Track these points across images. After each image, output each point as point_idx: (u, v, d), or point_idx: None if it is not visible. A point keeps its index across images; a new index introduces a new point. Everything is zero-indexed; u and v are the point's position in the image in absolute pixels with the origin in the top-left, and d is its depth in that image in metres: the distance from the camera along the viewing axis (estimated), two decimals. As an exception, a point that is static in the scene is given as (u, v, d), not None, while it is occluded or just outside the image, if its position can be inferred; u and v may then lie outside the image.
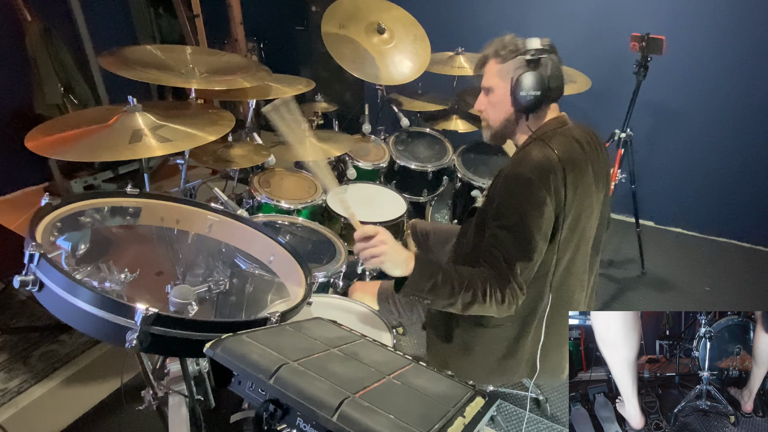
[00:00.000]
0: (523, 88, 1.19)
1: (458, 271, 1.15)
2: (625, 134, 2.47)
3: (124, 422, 1.74)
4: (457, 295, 1.12)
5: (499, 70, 1.25)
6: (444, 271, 1.14)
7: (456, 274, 1.14)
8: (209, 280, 1.41)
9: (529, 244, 1.13)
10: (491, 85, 1.28)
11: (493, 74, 1.26)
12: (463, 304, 1.13)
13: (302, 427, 0.68)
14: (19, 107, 2.72)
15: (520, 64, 1.20)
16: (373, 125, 2.72)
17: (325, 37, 2.47)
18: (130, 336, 0.85)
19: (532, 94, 1.19)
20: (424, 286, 1.12)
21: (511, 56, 1.22)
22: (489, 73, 1.28)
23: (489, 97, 1.30)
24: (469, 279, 1.13)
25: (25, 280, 0.90)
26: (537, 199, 1.12)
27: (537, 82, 1.18)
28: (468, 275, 1.14)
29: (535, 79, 1.18)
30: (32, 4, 2.58)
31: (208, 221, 1.41)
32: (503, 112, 1.28)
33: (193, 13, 3.31)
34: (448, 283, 1.12)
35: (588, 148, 1.23)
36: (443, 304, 1.15)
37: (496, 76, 1.26)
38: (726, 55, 2.78)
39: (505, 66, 1.23)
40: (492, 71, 1.27)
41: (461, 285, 1.12)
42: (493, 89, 1.27)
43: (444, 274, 1.13)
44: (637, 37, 2.29)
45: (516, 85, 1.20)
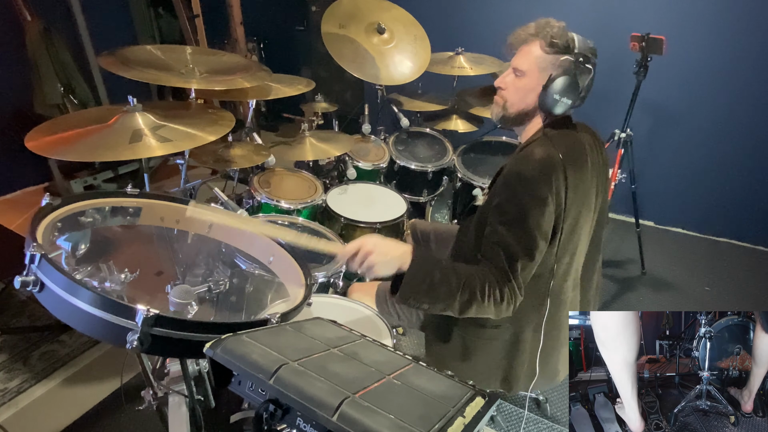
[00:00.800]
0: (559, 92, 1.13)
1: (455, 269, 1.13)
2: (625, 134, 2.47)
3: (124, 422, 1.74)
4: (455, 294, 1.09)
5: (541, 58, 1.16)
6: (441, 268, 1.11)
7: (453, 272, 1.11)
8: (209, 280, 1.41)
9: (531, 242, 1.11)
10: (525, 70, 1.18)
11: (532, 59, 1.17)
12: (461, 303, 1.10)
13: (302, 427, 0.68)
14: (19, 107, 2.72)
15: (565, 64, 1.13)
16: (373, 125, 2.72)
17: (325, 37, 2.47)
18: (130, 337, 0.85)
19: (566, 101, 1.14)
20: (421, 286, 1.10)
21: (562, 51, 1.14)
22: (527, 55, 1.18)
23: (517, 81, 1.21)
24: (467, 277, 1.10)
25: (26, 280, 0.90)
26: (539, 198, 1.10)
27: (575, 90, 1.13)
28: (466, 273, 1.11)
29: (574, 86, 1.12)
30: (32, 4, 2.58)
31: (208, 221, 1.41)
32: (524, 103, 1.21)
33: (193, 13, 3.31)
34: (445, 281, 1.09)
35: (589, 149, 1.22)
36: (441, 306, 1.12)
37: (535, 63, 1.17)
38: (726, 55, 2.78)
39: (548, 57, 1.15)
40: (531, 55, 1.17)
41: (459, 283, 1.09)
42: (526, 75, 1.19)
43: (441, 271, 1.11)
44: (637, 37, 2.29)
45: (552, 84, 1.14)
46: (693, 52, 2.83)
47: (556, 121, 1.22)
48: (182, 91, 3.08)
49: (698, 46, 2.81)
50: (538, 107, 1.20)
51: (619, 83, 2.71)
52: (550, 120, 1.22)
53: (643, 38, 2.26)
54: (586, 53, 1.14)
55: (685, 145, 3.08)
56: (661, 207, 3.30)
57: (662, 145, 3.13)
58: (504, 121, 1.27)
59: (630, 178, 2.58)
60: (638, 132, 2.61)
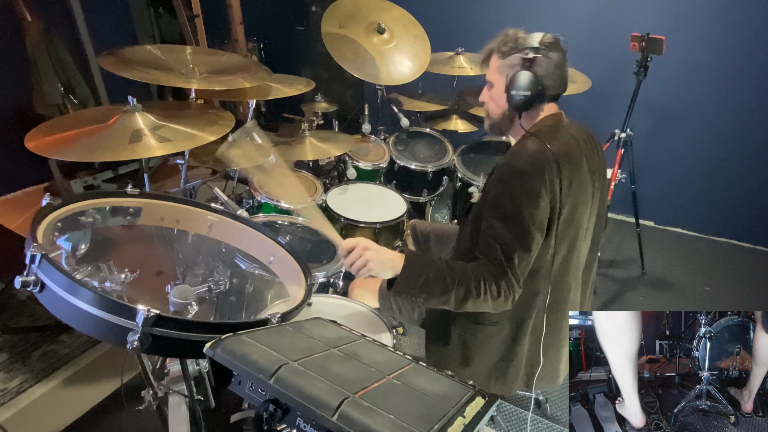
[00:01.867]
0: (516, 87, 1.19)
1: (451, 266, 1.14)
2: (625, 134, 2.47)
3: (124, 422, 1.74)
4: (451, 290, 1.11)
5: (499, 65, 1.25)
6: (436, 266, 1.14)
7: (448, 270, 1.13)
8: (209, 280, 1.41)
9: (526, 234, 1.13)
10: (492, 80, 1.28)
11: (494, 69, 1.27)
12: (457, 299, 1.12)
13: (302, 427, 0.68)
14: (19, 107, 2.72)
15: (516, 61, 1.20)
16: (373, 125, 2.72)
17: (325, 37, 2.47)
18: (131, 337, 0.85)
19: (523, 93, 1.19)
20: (416, 282, 1.12)
21: (510, 52, 1.22)
22: (491, 67, 1.28)
23: (490, 92, 1.30)
24: (462, 273, 1.12)
25: (27, 280, 0.90)
26: (532, 191, 1.12)
27: (529, 81, 1.18)
28: (461, 270, 1.13)
29: (527, 78, 1.18)
30: (32, 4, 2.58)
31: (208, 221, 1.41)
32: (501, 108, 1.28)
33: (193, 13, 3.31)
34: (440, 278, 1.12)
35: (583, 145, 1.24)
36: (437, 301, 1.14)
37: (496, 71, 1.26)
38: (726, 55, 2.78)
39: (504, 62, 1.23)
40: (494, 66, 1.27)
41: (454, 280, 1.11)
42: (494, 84, 1.28)
43: (436, 269, 1.13)
44: (637, 37, 2.29)
45: (510, 84, 1.20)
46: (693, 52, 2.83)
47: (545, 118, 1.25)
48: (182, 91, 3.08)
49: (698, 46, 2.81)
50: (510, 109, 1.26)
51: (619, 83, 2.71)
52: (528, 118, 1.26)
53: (643, 38, 2.26)
54: (533, 45, 1.19)
55: (685, 145, 3.08)
56: (661, 207, 3.31)
57: (662, 145, 3.13)
58: (493, 128, 1.35)
59: (630, 178, 2.58)
60: (638, 132, 2.61)
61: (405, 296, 1.15)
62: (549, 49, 1.19)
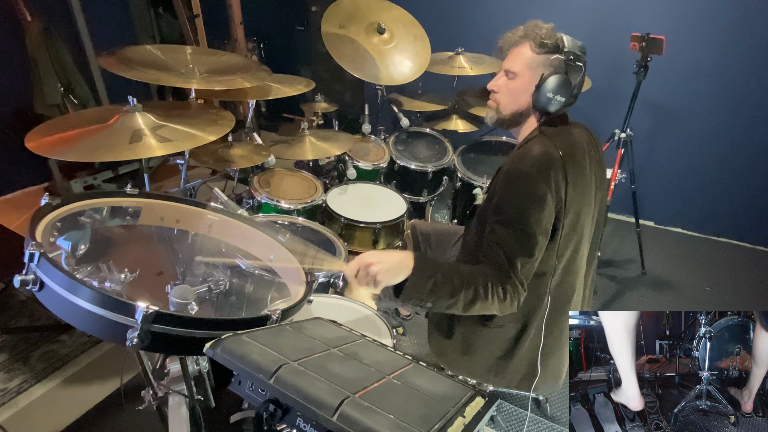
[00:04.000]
0: (552, 90, 1.15)
1: (458, 269, 1.14)
2: (625, 134, 2.47)
3: (124, 422, 1.74)
4: (459, 293, 1.10)
5: (531, 59, 1.19)
6: (444, 269, 1.13)
7: (456, 272, 1.12)
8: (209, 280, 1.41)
9: (530, 240, 1.12)
10: (517, 71, 1.21)
11: (523, 60, 1.20)
12: (465, 302, 1.11)
13: (302, 427, 0.68)
14: (19, 107, 2.72)
15: (556, 63, 1.16)
16: (373, 125, 2.72)
17: (325, 37, 2.47)
18: (130, 334, 0.85)
19: (559, 99, 1.16)
20: (425, 286, 1.11)
21: (553, 52, 1.17)
22: (518, 57, 1.20)
23: (509, 83, 1.23)
24: (470, 276, 1.11)
25: (26, 279, 0.90)
26: (538, 195, 1.11)
27: (567, 88, 1.15)
28: (468, 273, 1.12)
29: (566, 84, 1.15)
30: (32, 4, 2.58)
31: (208, 221, 1.41)
32: (517, 103, 1.23)
33: (193, 13, 3.31)
34: (448, 281, 1.10)
35: (587, 146, 1.23)
36: (445, 304, 1.13)
37: (526, 64, 1.19)
38: (726, 55, 2.78)
39: (539, 58, 1.18)
40: (522, 56, 1.20)
41: (462, 283, 1.10)
42: (518, 76, 1.21)
43: (444, 272, 1.12)
44: (637, 37, 2.29)
45: (545, 84, 1.16)
46: (693, 52, 2.83)
47: (552, 119, 1.23)
48: (182, 91, 3.08)
49: (698, 46, 2.81)
50: (531, 107, 1.22)
51: (619, 83, 2.71)
52: (545, 119, 1.23)
53: (643, 38, 2.26)
54: (575, 51, 1.17)
55: (685, 145, 3.08)
56: (661, 207, 3.30)
57: (662, 145, 3.13)
58: (499, 123, 1.29)
59: (630, 178, 2.58)
60: (638, 132, 2.61)
61: (414, 301, 1.12)
62: (583, 56, 1.17)
